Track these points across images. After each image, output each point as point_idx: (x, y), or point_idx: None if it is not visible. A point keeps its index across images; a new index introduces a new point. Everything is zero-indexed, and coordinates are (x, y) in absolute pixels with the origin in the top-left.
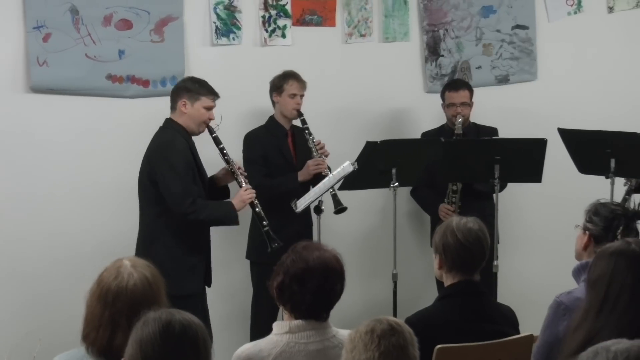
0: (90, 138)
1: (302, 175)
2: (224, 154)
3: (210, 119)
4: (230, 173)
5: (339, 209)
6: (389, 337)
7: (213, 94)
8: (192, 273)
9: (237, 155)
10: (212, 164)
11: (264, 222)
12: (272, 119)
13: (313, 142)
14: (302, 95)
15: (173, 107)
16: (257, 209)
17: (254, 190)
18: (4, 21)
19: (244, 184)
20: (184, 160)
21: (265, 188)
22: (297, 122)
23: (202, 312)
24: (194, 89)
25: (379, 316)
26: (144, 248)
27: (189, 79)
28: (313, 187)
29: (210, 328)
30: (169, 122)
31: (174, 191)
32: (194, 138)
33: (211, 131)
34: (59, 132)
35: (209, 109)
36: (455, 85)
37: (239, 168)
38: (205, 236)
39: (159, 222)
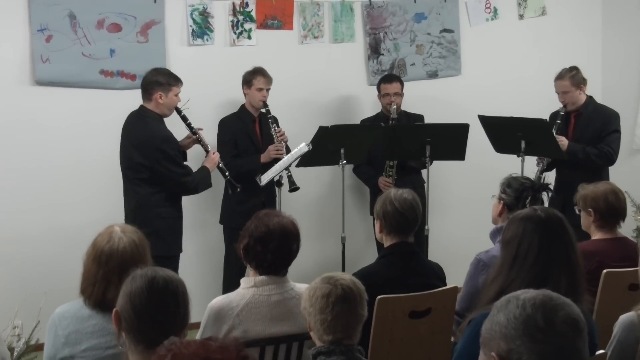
0: (86, 123)
1: (263, 158)
2: (191, 128)
3: (178, 102)
4: (195, 140)
5: (293, 188)
6: (341, 304)
7: (179, 82)
8: (179, 236)
9: (212, 138)
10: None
11: (226, 174)
12: (242, 107)
13: (275, 129)
14: (268, 89)
15: (147, 98)
16: (220, 165)
17: (217, 153)
18: (12, 25)
19: (210, 148)
20: (174, 147)
21: (234, 166)
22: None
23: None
24: (164, 81)
25: (336, 276)
26: (140, 220)
27: (155, 73)
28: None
29: None
30: (145, 110)
31: (178, 177)
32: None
33: (179, 111)
34: (59, 118)
35: (178, 94)
36: (389, 78)
37: (201, 135)
38: (179, 207)
39: (154, 198)
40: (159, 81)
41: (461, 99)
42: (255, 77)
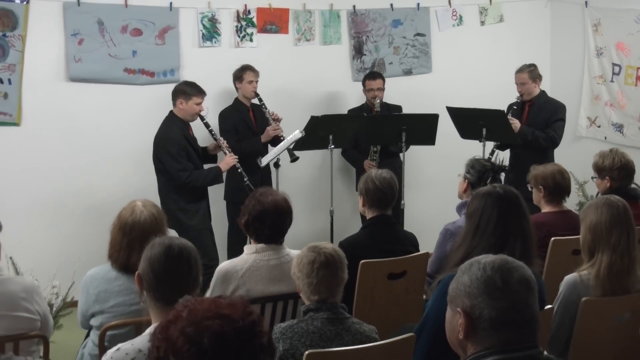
0: (112, 114)
1: (264, 138)
2: (212, 134)
3: (200, 110)
4: (217, 147)
5: (294, 158)
6: (324, 269)
7: (201, 93)
8: (192, 216)
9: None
10: (204, 138)
11: (245, 179)
12: (236, 99)
13: (269, 113)
14: (257, 81)
15: (173, 104)
16: (239, 170)
17: (236, 157)
18: (50, 31)
19: (228, 153)
20: (177, 146)
21: (239, 149)
22: (254, 101)
23: (207, 242)
24: (187, 91)
25: (320, 245)
26: (163, 202)
27: (183, 83)
28: (272, 146)
29: (217, 252)
30: (171, 114)
31: (175, 171)
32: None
33: (202, 118)
34: (89, 109)
35: (199, 104)
36: (373, 75)
37: (223, 141)
38: (202, 191)
39: (168, 185)
40: (182, 90)
41: (432, 92)
42: (245, 72)
